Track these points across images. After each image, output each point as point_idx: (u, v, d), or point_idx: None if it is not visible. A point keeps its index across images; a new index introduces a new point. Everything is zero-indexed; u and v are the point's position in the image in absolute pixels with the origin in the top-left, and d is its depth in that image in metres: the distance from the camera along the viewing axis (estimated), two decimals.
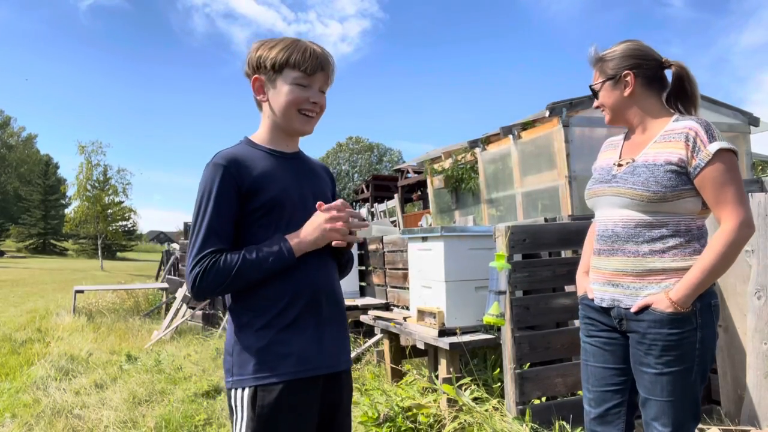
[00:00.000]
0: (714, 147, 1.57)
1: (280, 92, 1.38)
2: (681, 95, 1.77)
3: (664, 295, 1.61)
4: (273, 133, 1.44)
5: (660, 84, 1.76)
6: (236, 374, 1.33)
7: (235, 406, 1.33)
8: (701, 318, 1.61)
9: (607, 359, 1.80)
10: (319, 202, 1.37)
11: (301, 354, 1.33)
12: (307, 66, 1.36)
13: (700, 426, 2.65)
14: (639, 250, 1.67)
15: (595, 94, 1.84)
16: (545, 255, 3.23)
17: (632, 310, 1.66)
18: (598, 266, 1.79)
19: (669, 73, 1.79)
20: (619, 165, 1.76)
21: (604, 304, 1.76)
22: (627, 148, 1.79)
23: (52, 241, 51.94)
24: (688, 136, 1.61)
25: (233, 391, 1.33)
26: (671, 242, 1.64)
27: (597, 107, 1.86)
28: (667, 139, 1.66)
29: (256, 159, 1.38)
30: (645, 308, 1.65)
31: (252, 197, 1.34)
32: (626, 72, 1.74)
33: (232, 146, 1.43)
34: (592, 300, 1.82)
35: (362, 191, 20.96)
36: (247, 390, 1.31)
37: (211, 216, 1.31)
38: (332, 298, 1.43)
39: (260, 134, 1.45)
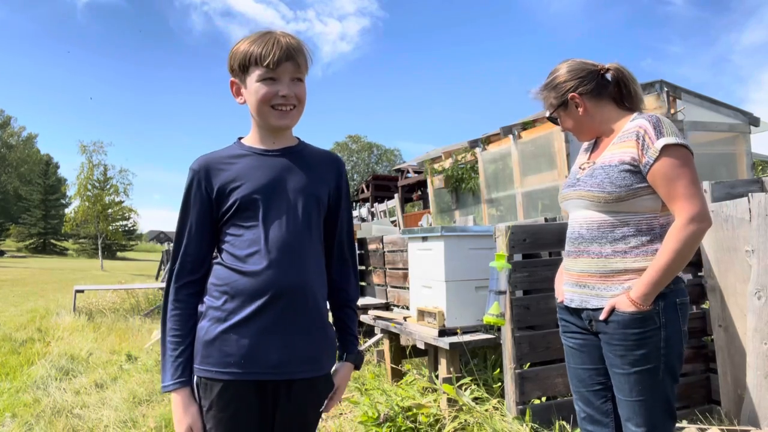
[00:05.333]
0: (660, 143, 1.59)
1: (251, 91, 1.35)
2: (623, 96, 1.80)
3: (625, 296, 1.63)
4: (258, 132, 1.42)
5: (608, 89, 1.79)
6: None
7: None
8: (665, 317, 1.62)
9: (584, 360, 1.83)
10: None
11: (245, 355, 1.29)
12: (269, 60, 1.31)
13: (700, 426, 2.65)
14: (602, 251, 1.69)
15: (556, 123, 1.91)
16: (545, 255, 3.23)
17: (601, 317, 1.68)
18: (568, 267, 1.84)
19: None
20: (582, 168, 1.81)
21: (573, 305, 1.80)
22: (595, 151, 1.84)
23: (52, 240, 51.95)
24: (638, 134, 1.64)
25: None
26: (633, 242, 1.65)
27: (563, 131, 1.93)
28: (622, 139, 1.70)
29: (235, 160, 1.38)
30: (611, 311, 1.67)
31: (223, 199, 1.35)
32: (571, 95, 1.78)
33: (221, 148, 1.44)
34: (562, 302, 1.85)
35: (362, 191, 20.97)
36: (195, 378, 1.34)
37: (181, 228, 1.38)
38: (302, 300, 1.34)
39: (249, 134, 1.45)
